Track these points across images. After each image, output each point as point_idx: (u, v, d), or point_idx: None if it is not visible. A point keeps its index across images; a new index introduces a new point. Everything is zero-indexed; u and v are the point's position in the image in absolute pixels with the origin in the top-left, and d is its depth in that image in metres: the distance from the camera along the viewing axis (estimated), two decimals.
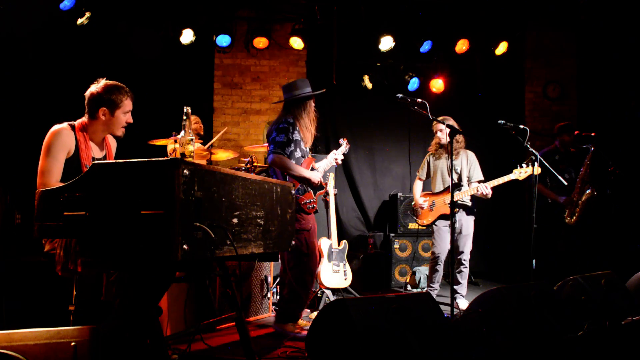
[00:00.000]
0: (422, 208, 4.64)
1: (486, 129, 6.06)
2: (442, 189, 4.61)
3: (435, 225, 4.61)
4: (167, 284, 2.40)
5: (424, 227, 4.87)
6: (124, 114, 2.72)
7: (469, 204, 4.54)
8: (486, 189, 4.31)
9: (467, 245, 4.52)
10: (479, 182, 4.48)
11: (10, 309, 3.51)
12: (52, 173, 2.51)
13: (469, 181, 4.56)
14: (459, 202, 4.47)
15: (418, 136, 6.57)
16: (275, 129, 3.50)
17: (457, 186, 4.51)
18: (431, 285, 4.64)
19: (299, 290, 3.47)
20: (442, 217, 4.56)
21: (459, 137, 4.51)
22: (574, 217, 4.75)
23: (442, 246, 4.55)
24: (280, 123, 3.49)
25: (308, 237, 3.50)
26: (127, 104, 2.72)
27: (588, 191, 4.69)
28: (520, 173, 4.27)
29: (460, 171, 4.56)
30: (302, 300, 3.52)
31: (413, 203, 4.80)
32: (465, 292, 4.58)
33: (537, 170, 4.20)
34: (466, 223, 4.52)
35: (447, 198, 4.50)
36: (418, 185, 4.80)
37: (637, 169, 5.45)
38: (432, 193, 4.68)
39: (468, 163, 4.58)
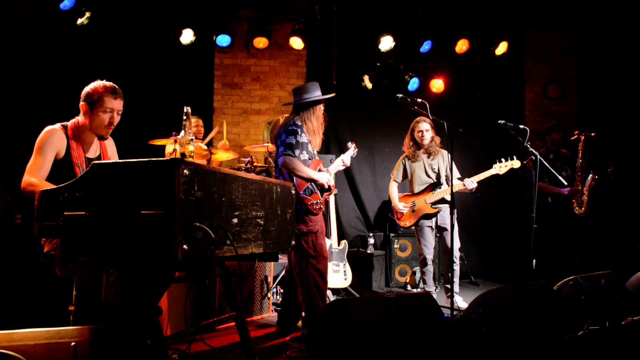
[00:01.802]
0: (402, 213, 4.63)
1: (486, 129, 6.06)
2: (421, 189, 4.60)
3: (418, 225, 4.59)
4: (167, 284, 2.41)
5: (406, 228, 4.85)
6: (104, 112, 2.64)
7: (449, 199, 4.53)
8: (472, 183, 4.31)
9: (455, 243, 4.49)
10: (458, 179, 4.49)
11: (10, 309, 3.51)
12: (36, 169, 2.52)
13: (447, 179, 4.57)
14: (439, 200, 4.49)
15: None
16: (284, 131, 3.50)
17: (437, 185, 4.52)
18: (427, 290, 4.56)
19: (311, 296, 3.42)
20: (424, 217, 4.55)
21: (436, 137, 4.55)
22: (583, 207, 4.73)
23: (429, 246, 4.55)
24: (288, 125, 3.49)
25: (315, 239, 3.46)
26: (108, 102, 2.63)
27: (590, 177, 4.69)
28: (501, 167, 4.27)
29: (439, 170, 4.57)
30: (317, 304, 3.43)
31: (392, 206, 4.79)
32: (458, 289, 4.55)
33: (517, 163, 4.23)
34: (450, 220, 4.48)
35: (427, 197, 4.51)
36: (394, 188, 4.77)
37: (637, 169, 5.45)
38: (412, 194, 4.67)
39: (445, 162, 4.58)
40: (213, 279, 3.68)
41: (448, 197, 4.48)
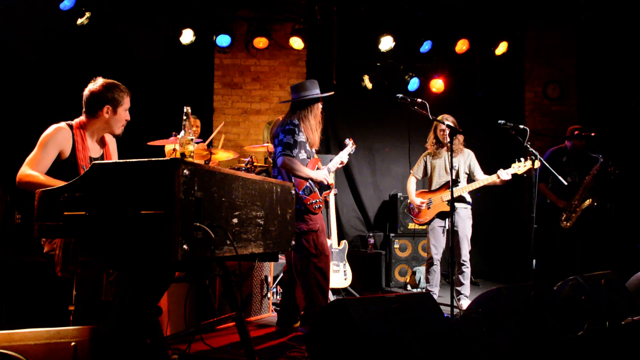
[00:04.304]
0: (419, 209, 4.62)
1: (486, 129, 6.06)
2: (438, 186, 4.60)
3: (430, 224, 4.58)
4: (167, 284, 2.41)
5: (422, 226, 4.84)
6: (125, 112, 2.76)
7: (468, 199, 4.52)
8: (507, 176, 4.26)
9: (464, 247, 4.46)
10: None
11: (10, 309, 3.51)
12: (35, 162, 2.51)
13: (471, 176, 4.56)
14: (456, 198, 4.47)
15: (418, 136, 6.55)
16: (281, 131, 3.47)
17: (454, 183, 4.50)
18: (430, 290, 4.57)
19: (312, 294, 3.42)
20: (439, 215, 4.54)
21: (460, 137, 4.52)
22: (570, 222, 4.75)
23: (438, 247, 4.53)
24: (286, 125, 3.46)
25: (316, 237, 3.46)
26: (127, 101, 2.76)
27: (588, 201, 4.68)
28: (519, 167, 4.25)
29: (458, 168, 4.55)
30: (319, 303, 3.42)
31: (409, 201, 4.78)
32: (468, 293, 4.53)
33: (536, 164, 4.19)
34: (462, 224, 4.46)
35: (444, 195, 4.50)
36: (412, 183, 4.76)
37: (637, 169, 5.45)
38: (429, 191, 4.66)
39: (466, 160, 4.58)
40: (213, 279, 3.68)
41: (465, 196, 4.49)
